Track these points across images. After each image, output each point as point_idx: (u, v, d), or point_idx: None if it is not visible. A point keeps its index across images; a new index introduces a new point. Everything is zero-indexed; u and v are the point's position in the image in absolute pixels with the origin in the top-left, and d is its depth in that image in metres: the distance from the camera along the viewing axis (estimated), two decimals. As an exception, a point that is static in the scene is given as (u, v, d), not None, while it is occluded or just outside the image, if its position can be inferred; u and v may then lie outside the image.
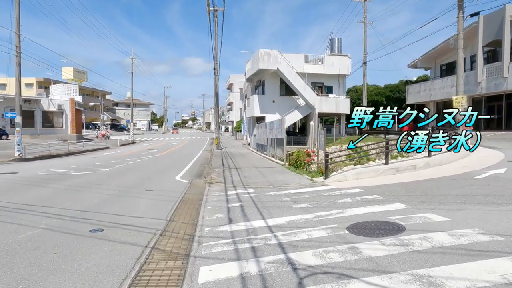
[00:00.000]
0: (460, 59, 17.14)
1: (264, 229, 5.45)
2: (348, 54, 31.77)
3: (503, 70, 24.22)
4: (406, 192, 7.61)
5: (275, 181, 10.83)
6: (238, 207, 7.31)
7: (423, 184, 8.35)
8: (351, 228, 5.10)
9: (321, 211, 6.36)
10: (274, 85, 30.91)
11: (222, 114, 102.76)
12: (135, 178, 12.21)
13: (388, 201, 6.81)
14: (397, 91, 37.14)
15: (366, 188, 8.41)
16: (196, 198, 8.68)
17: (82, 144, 28.71)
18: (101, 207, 7.55)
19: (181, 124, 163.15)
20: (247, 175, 12.46)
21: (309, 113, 30.21)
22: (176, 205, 7.81)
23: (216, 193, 9.27)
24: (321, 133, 11.98)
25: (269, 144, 19.47)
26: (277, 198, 8.01)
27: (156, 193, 9.41)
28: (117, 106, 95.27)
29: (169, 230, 5.78)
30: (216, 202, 7.97)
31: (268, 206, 7.12)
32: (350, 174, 9.94)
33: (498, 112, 27.24)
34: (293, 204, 7.18)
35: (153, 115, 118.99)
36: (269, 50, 28.28)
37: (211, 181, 11.38)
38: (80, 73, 67.61)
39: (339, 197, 7.52)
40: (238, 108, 58.44)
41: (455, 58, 32.96)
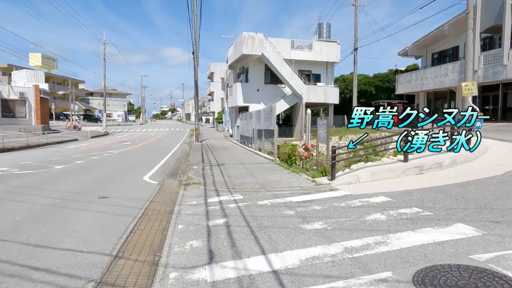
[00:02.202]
0: (469, 40, 15.30)
1: (267, 279, 3.27)
2: (337, 40, 29.75)
3: (502, 58, 22.78)
4: (454, 203, 5.58)
5: (268, 182, 8.66)
6: (223, 226, 5.09)
7: (467, 190, 6.34)
8: (424, 283, 2.97)
9: (349, 237, 4.23)
10: (259, 73, 28.59)
11: (202, 105, 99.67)
12: (92, 179, 9.76)
13: (442, 219, 4.74)
14: (387, 80, 35.55)
15: (393, 195, 6.35)
16: (165, 210, 6.39)
17: (46, 136, 25.63)
18: (20, 229, 5.16)
19: (160, 115, 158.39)
20: (232, 173, 10.23)
21: (296, 102, 28.15)
22: (135, 223, 5.51)
23: (192, 200, 7.01)
24: (322, 123, 9.84)
25: (255, 136, 17.25)
26: (275, 210, 5.83)
27: (111, 202, 7.05)
28: (91, 96, 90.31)
29: (109, 280, 3.50)
30: (191, 217, 5.72)
31: (266, 226, 4.94)
32: (363, 174, 7.86)
33: (494, 103, 25.97)
34: (302, 222, 5.02)
35: (131, 106, 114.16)
36: (253, 33, 25.86)
37: (187, 183, 9.09)
38: (49, 59, 62.79)
39: (364, 211, 5.42)
40: (219, 98, 55.79)
41: (447, 46, 31.89)
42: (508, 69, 22.65)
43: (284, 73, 26.23)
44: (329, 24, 30.84)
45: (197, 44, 24.71)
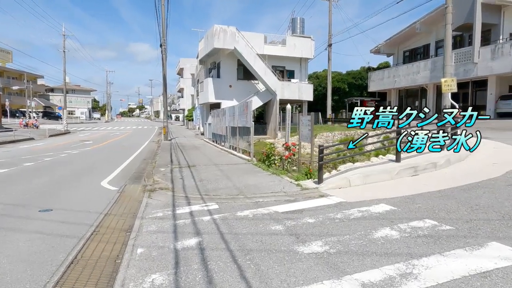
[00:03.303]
0: (448, 35, 14.89)
1: None
2: (311, 36, 29.07)
3: (473, 56, 22.99)
4: (471, 212, 4.73)
5: (246, 186, 7.59)
6: (195, 250, 3.97)
7: (477, 195, 5.53)
8: None
9: (361, 266, 3.25)
10: (231, 68, 27.37)
11: (172, 102, 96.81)
12: (38, 186, 8.26)
13: (468, 236, 3.86)
14: (360, 77, 35.44)
15: (394, 202, 5.47)
16: (122, 226, 5.15)
17: (-5, 135, 23.13)
18: None
19: (128, 113, 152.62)
20: (205, 176, 9.08)
21: (269, 99, 27.21)
22: (79, 247, 4.26)
23: (158, 212, 5.81)
24: (307, 120, 8.87)
25: (229, 134, 16.10)
26: (260, 225, 4.77)
27: (55, 216, 5.71)
28: (52, 92, 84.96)
29: None
30: (155, 236, 4.55)
31: (251, 249, 3.87)
32: (355, 177, 6.97)
33: (464, 101, 26.33)
34: (296, 243, 3.99)
35: (95, 103, 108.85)
36: (225, 26, 24.61)
37: (153, 188, 7.84)
38: (3, 52, 58.25)
39: (368, 225, 4.47)
40: (189, 95, 53.92)
41: (418, 44, 32.11)
42: (478, 67, 22.90)
43: (257, 69, 25.21)
44: (303, 19, 30.12)
45: (165, 36, 23.14)
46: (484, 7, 22.58)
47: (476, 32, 22.67)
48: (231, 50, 24.81)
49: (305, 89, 27.97)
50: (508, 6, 23.18)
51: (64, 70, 38.92)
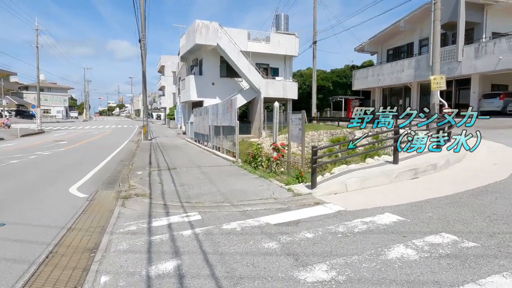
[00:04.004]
0: (436, 32, 14.62)
1: None
2: (295, 33, 28.55)
3: (457, 54, 22.97)
4: (491, 223, 4.15)
5: (232, 192, 6.87)
6: (173, 277, 3.23)
7: (490, 202, 4.99)
8: None
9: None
10: (214, 65, 26.53)
11: (153, 100, 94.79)
12: (-5, 193, 7.28)
13: (499, 256, 3.22)
14: (344, 76, 35.18)
15: (400, 210, 4.87)
16: (86, 245, 4.34)
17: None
18: None
19: (107, 112, 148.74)
20: (186, 180, 8.30)
21: (254, 97, 26.57)
22: (28, 276, 3.44)
23: (131, 224, 5.02)
24: (297, 119, 8.20)
25: (212, 133, 15.31)
26: (250, 242, 4.07)
27: (7, 233, 4.83)
28: (26, 90, 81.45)
29: None
30: (125, 258, 3.77)
31: (241, 277, 3.16)
32: (351, 181, 6.36)
33: (447, 99, 26.32)
34: (295, 266, 3.31)
35: (73, 101, 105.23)
36: (207, 21, 23.76)
37: (127, 195, 7.01)
38: (-28, 47, 55.16)
39: (377, 241, 3.84)
40: (171, 93, 52.63)
41: (402, 43, 32.02)
42: (462, 65, 22.88)
43: (241, 66, 24.49)
44: (287, 16, 29.57)
45: (144, 30, 22.07)
46: (468, 6, 22.57)
47: (460, 30, 22.64)
48: (213, 46, 23.99)
49: (289, 87, 27.44)
50: (491, 5, 23.26)
51: (37, 67, 37.09)
